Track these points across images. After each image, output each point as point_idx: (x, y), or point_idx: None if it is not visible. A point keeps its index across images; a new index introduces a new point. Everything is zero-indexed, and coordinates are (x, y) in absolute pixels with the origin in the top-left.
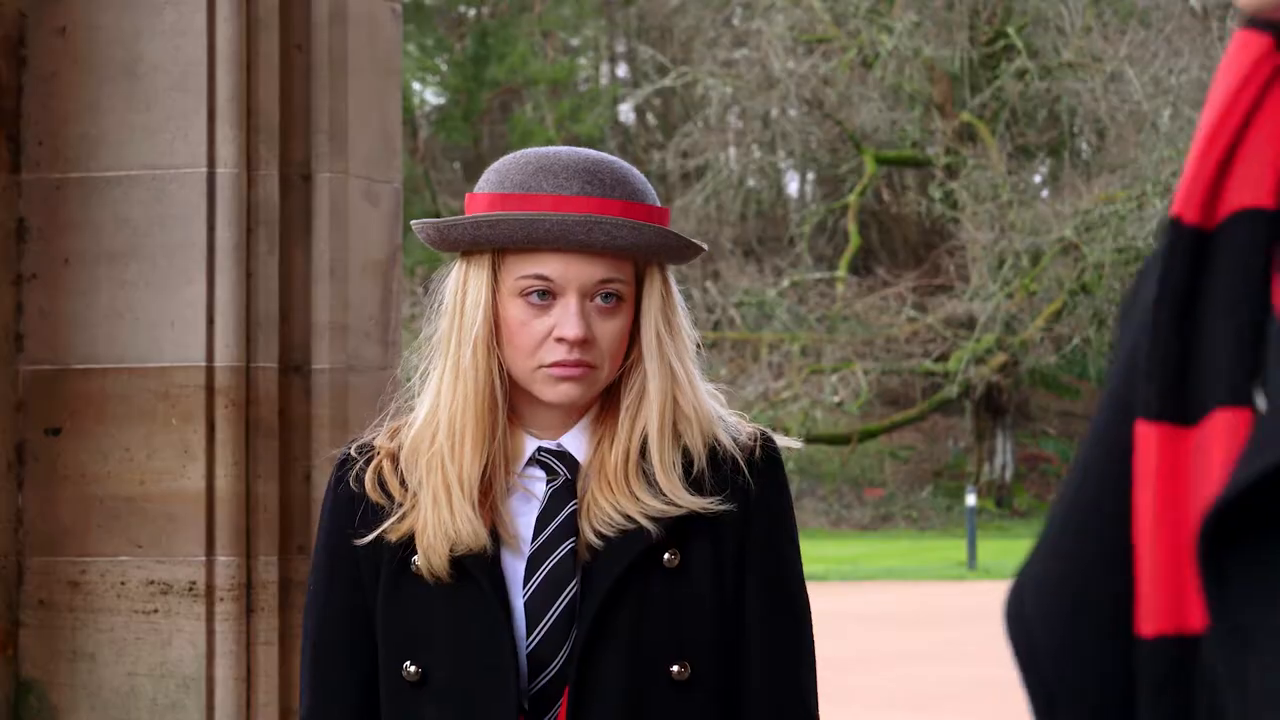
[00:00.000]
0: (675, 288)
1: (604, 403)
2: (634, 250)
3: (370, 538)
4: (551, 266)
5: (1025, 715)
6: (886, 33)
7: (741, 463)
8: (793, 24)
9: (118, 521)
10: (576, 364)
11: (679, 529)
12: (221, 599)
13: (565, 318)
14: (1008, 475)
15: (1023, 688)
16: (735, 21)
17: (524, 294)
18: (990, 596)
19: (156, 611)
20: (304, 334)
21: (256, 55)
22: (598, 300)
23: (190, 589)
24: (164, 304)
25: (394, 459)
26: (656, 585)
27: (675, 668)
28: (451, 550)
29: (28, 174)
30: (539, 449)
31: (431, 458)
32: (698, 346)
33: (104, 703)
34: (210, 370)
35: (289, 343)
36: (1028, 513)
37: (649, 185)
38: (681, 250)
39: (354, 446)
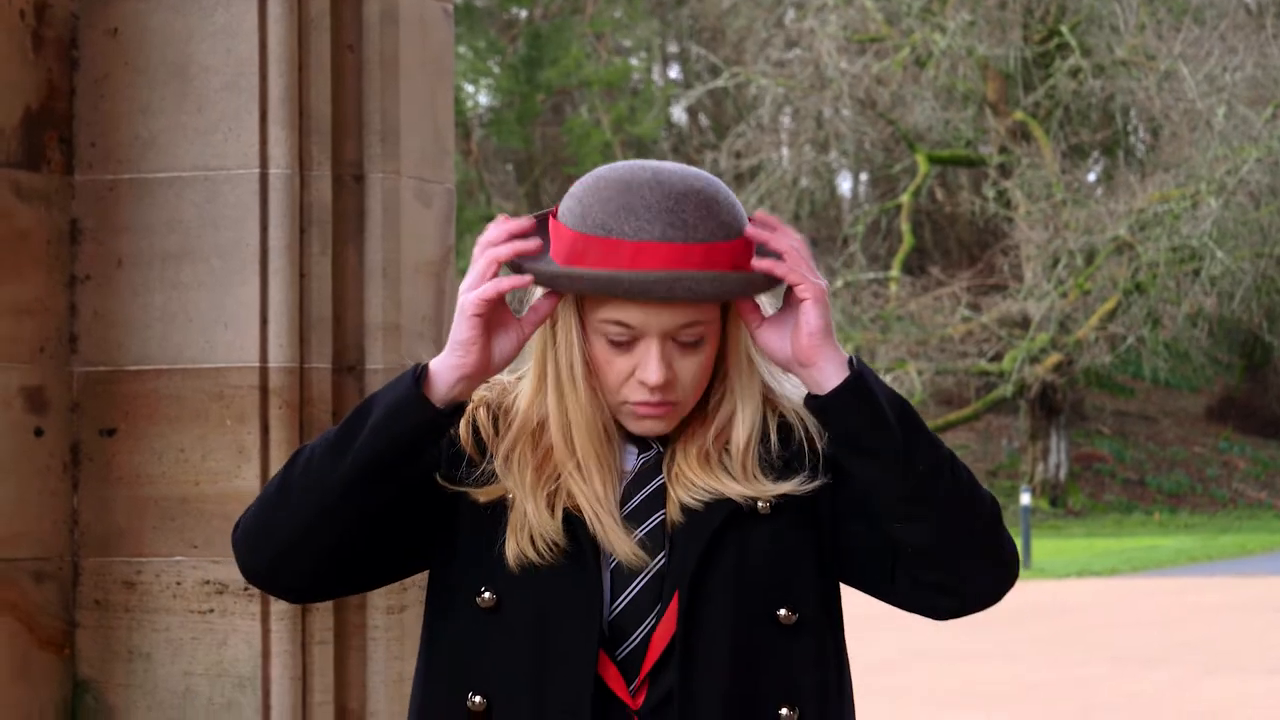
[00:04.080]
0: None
1: None
2: (716, 299)
3: (461, 489)
4: (632, 314)
5: (1078, 715)
6: (940, 32)
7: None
8: (845, 24)
9: (173, 522)
10: (659, 404)
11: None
12: (277, 599)
13: (646, 361)
14: (1062, 474)
15: None
16: (787, 22)
17: (606, 335)
18: (1045, 596)
19: (212, 611)
20: (357, 334)
21: (308, 56)
22: (681, 342)
23: (246, 589)
24: (217, 305)
25: (489, 408)
26: (755, 532)
27: (783, 611)
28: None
29: (80, 175)
30: None
31: (550, 457)
32: None
33: (160, 703)
34: (264, 371)
35: (343, 343)
36: (1082, 512)
37: (735, 209)
38: (768, 284)
39: None
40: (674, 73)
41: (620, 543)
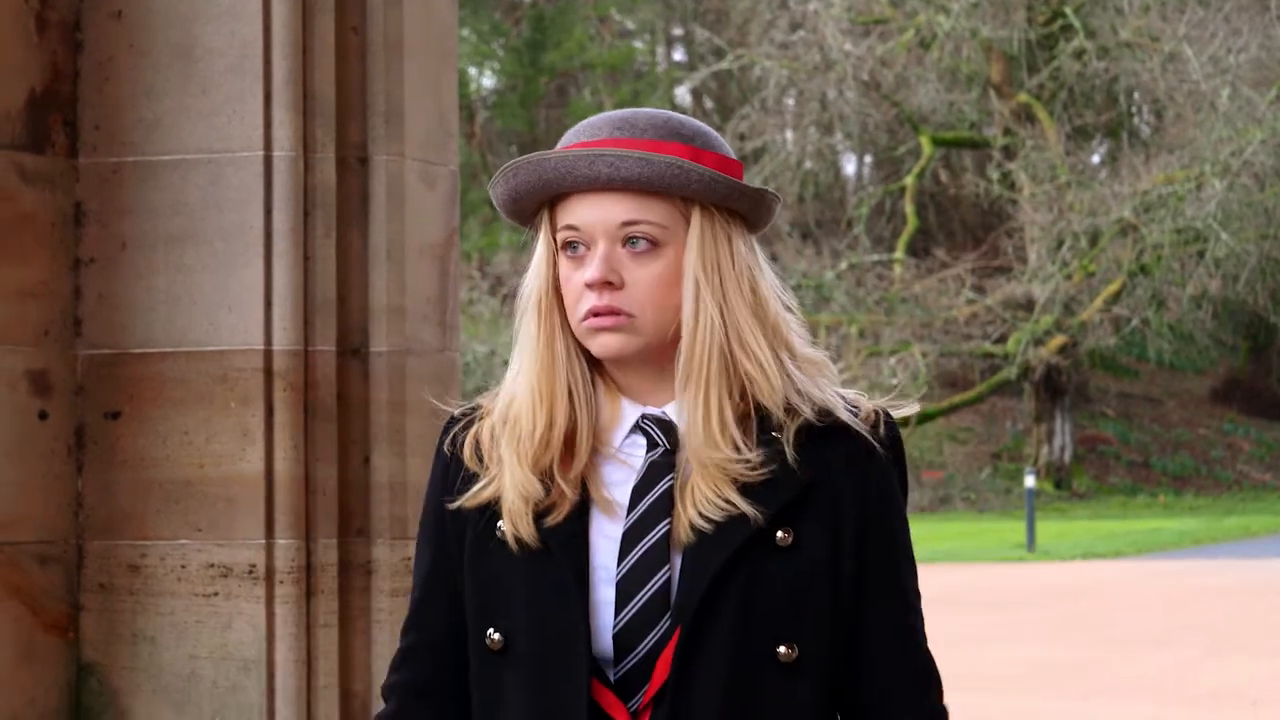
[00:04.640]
0: (738, 235)
1: None
2: (644, 184)
3: (457, 504)
4: (578, 213)
5: (1083, 696)
6: (944, 13)
7: (865, 434)
8: (849, 5)
9: (177, 505)
10: (607, 311)
11: (792, 507)
12: (281, 582)
13: (590, 263)
14: (1066, 457)
15: None
16: (791, 4)
17: (563, 248)
18: (1049, 578)
19: (217, 595)
20: (361, 317)
21: (312, 38)
22: (631, 246)
23: (250, 572)
24: (222, 287)
25: (490, 421)
26: (770, 564)
27: (783, 649)
28: (537, 517)
29: (85, 158)
30: (642, 416)
31: (508, 425)
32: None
33: (164, 686)
34: (268, 353)
35: (347, 325)
36: (1086, 494)
37: (713, 138)
38: (715, 189)
39: (459, 409)
40: (678, 55)
41: (518, 483)
